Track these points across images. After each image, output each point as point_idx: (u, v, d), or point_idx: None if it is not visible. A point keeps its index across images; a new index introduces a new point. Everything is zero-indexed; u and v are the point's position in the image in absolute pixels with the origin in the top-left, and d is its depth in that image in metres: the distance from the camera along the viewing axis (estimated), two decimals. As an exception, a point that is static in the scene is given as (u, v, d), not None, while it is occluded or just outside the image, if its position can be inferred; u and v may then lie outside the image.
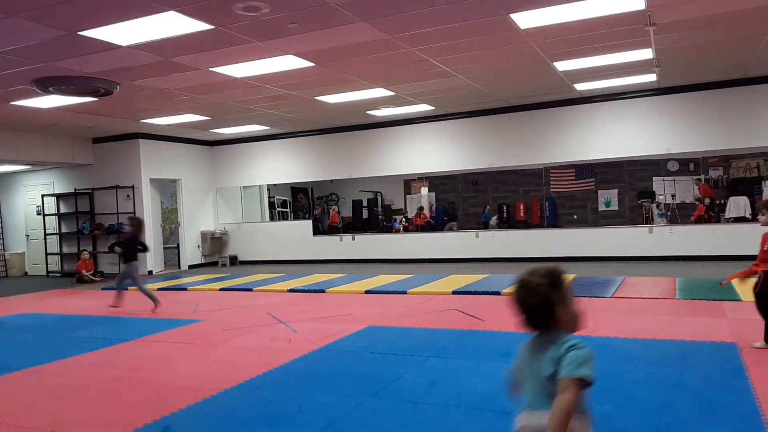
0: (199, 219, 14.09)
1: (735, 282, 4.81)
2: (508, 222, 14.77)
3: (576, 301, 1.83)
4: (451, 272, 9.94)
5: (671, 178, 13.49)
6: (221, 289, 9.13)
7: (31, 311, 8.00)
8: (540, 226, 14.18)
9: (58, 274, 13.32)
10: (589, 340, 4.82)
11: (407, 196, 15.96)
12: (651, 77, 9.54)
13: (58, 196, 13.52)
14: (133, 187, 12.65)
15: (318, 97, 9.75)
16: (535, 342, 1.84)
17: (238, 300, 7.99)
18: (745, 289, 6.62)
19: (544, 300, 1.78)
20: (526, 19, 6.25)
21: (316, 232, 13.97)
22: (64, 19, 5.51)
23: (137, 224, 7.93)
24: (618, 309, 6.09)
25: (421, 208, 14.93)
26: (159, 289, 9.63)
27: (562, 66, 8.40)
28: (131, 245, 7.75)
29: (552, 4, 5.82)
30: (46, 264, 13.55)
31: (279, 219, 15.71)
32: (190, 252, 13.80)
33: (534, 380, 1.80)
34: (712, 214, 11.93)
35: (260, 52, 6.89)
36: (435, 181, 15.63)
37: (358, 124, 12.87)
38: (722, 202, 11.96)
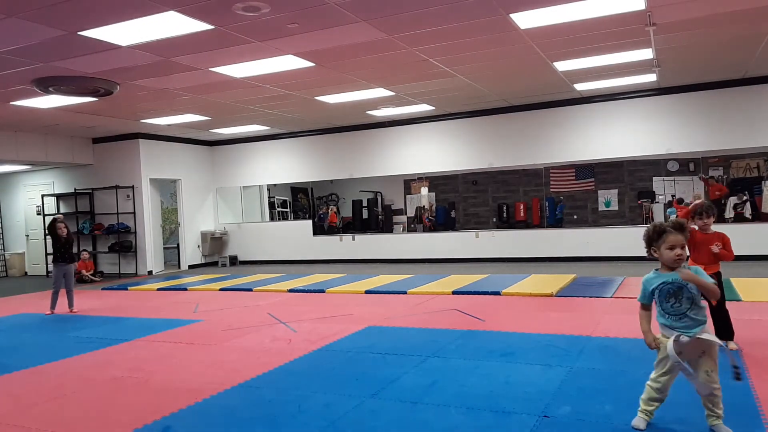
0: (199, 219, 14.09)
1: (734, 282, 4.81)
2: (509, 222, 14.77)
3: None
4: (451, 272, 9.94)
5: (671, 178, 13.48)
6: (221, 289, 9.13)
7: (31, 311, 8.00)
8: (540, 226, 14.18)
9: (58, 274, 13.31)
10: (589, 340, 4.84)
11: (407, 196, 15.95)
12: (651, 77, 9.54)
13: (58, 196, 13.52)
14: (133, 187, 12.66)
15: (318, 97, 9.75)
16: None
17: (238, 300, 7.99)
18: (746, 290, 6.63)
19: None
20: (526, 19, 6.26)
21: (317, 232, 13.97)
22: (64, 19, 5.51)
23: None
24: (618, 309, 6.09)
25: (422, 208, 14.92)
26: (159, 289, 9.64)
27: (562, 66, 8.40)
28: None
29: (552, 4, 5.82)
30: (46, 264, 13.54)
31: (279, 219, 15.71)
32: (190, 252, 13.80)
33: None
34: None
35: (260, 52, 6.90)
36: (435, 181, 15.63)
37: (358, 124, 12.87)
38: (723, 201, 11.95)
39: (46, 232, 7.99)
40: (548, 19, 6.28)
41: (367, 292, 8.14)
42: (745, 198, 11.63)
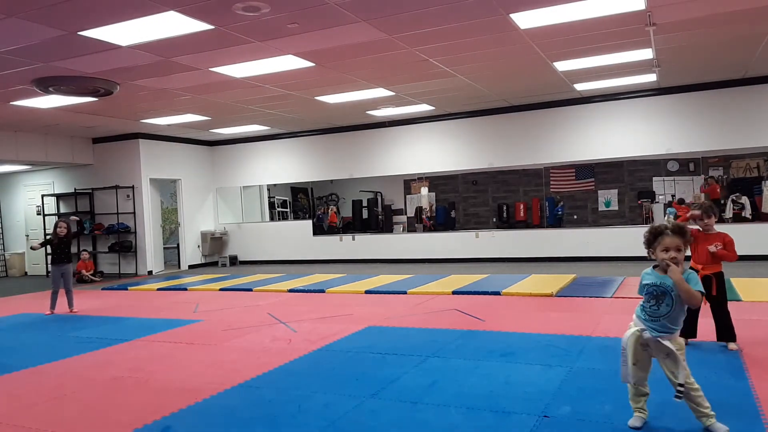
0: (199, 219, 14.09)
1: (734, 282, 4.80)
2: (509, 222, 14.78)
3: None
4: (451, 272, 9.94)
5: (671, 178, 13.48)
6: (221, 289, 9.13)
7: (31, 311, 8.00)
8: (540, 226, 14.18)
9: (58, 274, 13.31)
10: (589, 340, 4.83)
11: (407, 196, 15.96)
12: (651, 77, 9.54)
13: (58, 196, 13.53)
14: (133, 187, 12.66)
15: (318, 97, 9.75)
16: None
17: (238, 300, 7.99)
18: (746, 290, 6.63)
19: None
20: (526, 19, 6.26)
21: (317, 232, 13.97)
22: (64, 19, 5.51)
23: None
24: (618, 309, 6.09)
25: (421, 209, 14.92)
26: (159, 289, 9.64)
27: (562, 66, 8.40)
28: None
29: (552, 4, 5.82)
30: (46, 264, 13.49)
31: (279, 219, 15.72)
32: (190, 252, 13.80)
33: None
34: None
35: (260, 52, 6.90)
36: (435, 181, 15.63)
37: (358, 124, 12.87)
38: (723, 202, 11.97)
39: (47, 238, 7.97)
40: (548, 19, 6.28)
41: (367, 292, 8.14)
42: (742, 200, 11.64)
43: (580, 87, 10.01)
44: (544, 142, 11.48)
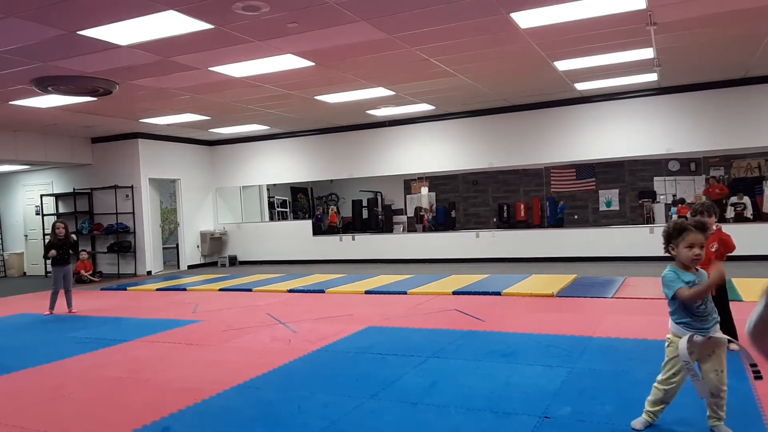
0: (198, 219, 14.08)
1: (735, 282, 4.79)
2: (509, 222, 14.77)
3: None
4: (451, 272, 9.93)
5: (672, 178, 13.48)
6: (221, 290, 9.12)
7: (30, 311, 7.99)
8: (540, 226, 14.17)
9: (57, 274, 13.29)
10: (590, 340, 4.82)
11: (407, 196, 15.95)
12: (651, 77, 9.53)
13: (57, 196, 13.52)
14: (132, 187, 12.65)
15: (318, 97, 9.74)
16: None
17: (237, 300, 7.98)
18: (747, 290, 6.62)
19: None
20: (526, 19, 6.25)
21: (317, 232, 13.96)
22: (64, 19, 5.50)
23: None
24: (619, 309, 6.08)
25: (420, 209, 14.91)
26: (158, 290, 9.63)
27: (562, 66, 8.39)
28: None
29: (552, 3, 5.81)
30: (45, 264, 13.51)
31: (279, 219, 15.71)
32: (190, 252, 13.79)
33: None
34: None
35: (260, 51, 6.89)
36: (435, 181, 15.62)
37: (358, 124, 12.87)
38: (724, 201, 11.96)
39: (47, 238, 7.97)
40: (549, 19, 6.27)
41: (367, 292, 8.13)
42: (744, 199, 11.64)
43: (581, 87, 10.00)
44: (544, 142, 11.47)
